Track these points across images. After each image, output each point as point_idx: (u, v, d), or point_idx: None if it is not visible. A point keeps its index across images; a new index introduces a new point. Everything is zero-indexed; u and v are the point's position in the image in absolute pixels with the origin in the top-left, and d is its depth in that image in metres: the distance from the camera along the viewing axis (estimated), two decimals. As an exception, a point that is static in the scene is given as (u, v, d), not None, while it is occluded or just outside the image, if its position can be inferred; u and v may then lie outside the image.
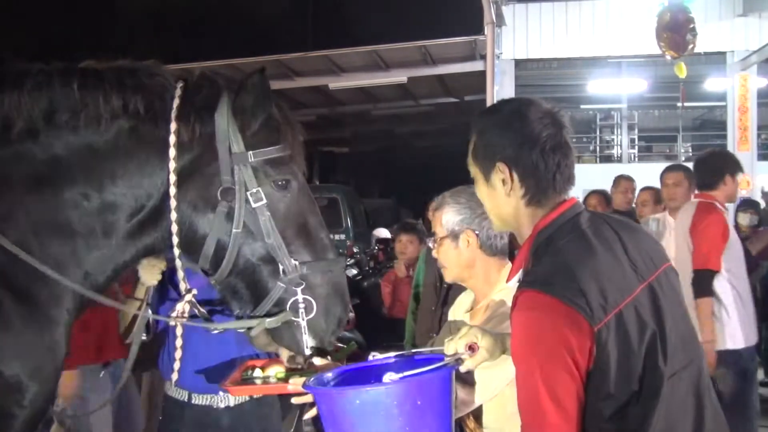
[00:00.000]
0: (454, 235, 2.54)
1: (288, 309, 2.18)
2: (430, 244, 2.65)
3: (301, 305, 2.17)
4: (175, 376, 2.98)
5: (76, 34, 19.47)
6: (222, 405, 3.17)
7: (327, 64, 11.40)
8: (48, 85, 2.00)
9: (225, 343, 3.02)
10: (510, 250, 4.26)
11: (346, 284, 2.34)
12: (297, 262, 2.17)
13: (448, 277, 2.64)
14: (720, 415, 1.78)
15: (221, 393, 3.13)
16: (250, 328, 2.26)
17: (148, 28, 22.43)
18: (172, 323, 2.54)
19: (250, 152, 2.13)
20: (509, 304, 2.38)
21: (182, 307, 2.34)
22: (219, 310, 2.72)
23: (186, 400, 3.17)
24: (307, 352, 2.24)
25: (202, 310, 2.52)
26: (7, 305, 1.91)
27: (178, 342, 2.60)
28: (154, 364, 4.71)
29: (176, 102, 2.08)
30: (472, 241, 2.53)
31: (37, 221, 1.98)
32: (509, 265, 2.62)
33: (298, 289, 2.16)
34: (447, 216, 2.56)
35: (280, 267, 2.16)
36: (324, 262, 2.24)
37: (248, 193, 2.12)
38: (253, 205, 2.13)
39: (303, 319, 2.18)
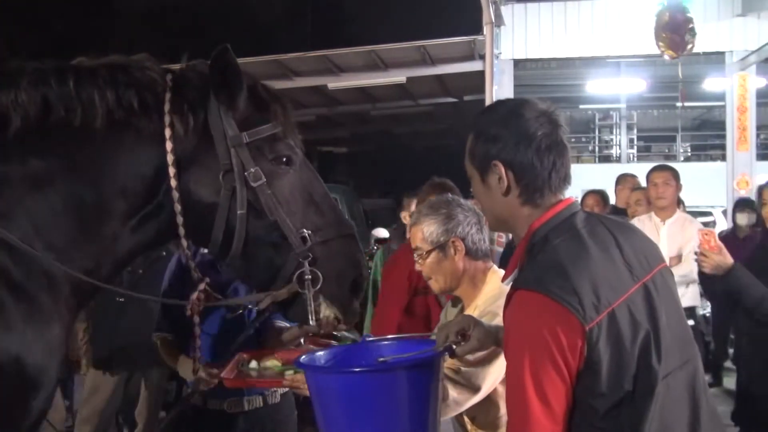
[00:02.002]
0: (441, 246, 2.55)
1: (295, 281, 2.22)
2: (415, 258, 2.65)
3: (307, 277, 2.21)
4: (199, 363, 2.96)
5: (76, 34, 19.47)
6: (236, 409, 3.15)
7: (326, 64, 11.39)
8: (44, 82, 2.01)
9: (232, 340, 3.03)
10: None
11: (358, 247, 2.38)
12: (308, 233, 2.22)
13: (437, 289, 2.64)
14: (716, 415, 1.79)
15: (235, 398, 3.13)
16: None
17: (148, 28, 22.42)
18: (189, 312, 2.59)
19: (244, 133, 2.17)
20: (497, 303, 2.41)
21: (196, 296, 2.38)
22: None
23: (201, 404, 3.16)
24: (313, 323, 2.27)
25: (217, 296, 2.56)
26: (9, 305, 1.91)
27: (197, 330, 2.62)
28: (153, 366, 4.72)
29: (168, 95, 2.11)
30: (460, 248, 2.54)
31: (37, 219, 1.98)
32: (494, 267, 2.63)
33: (305, 262, 2.20)
34: (430, 229, 2.57)
35: (289, 242, 2.20)
36: (333, 228, 2.29)
37: (246, 174, 2.15)
38: (254, 185, 2.16)
39: (309, 291, 2.21)
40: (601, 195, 6.59)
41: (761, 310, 3.61)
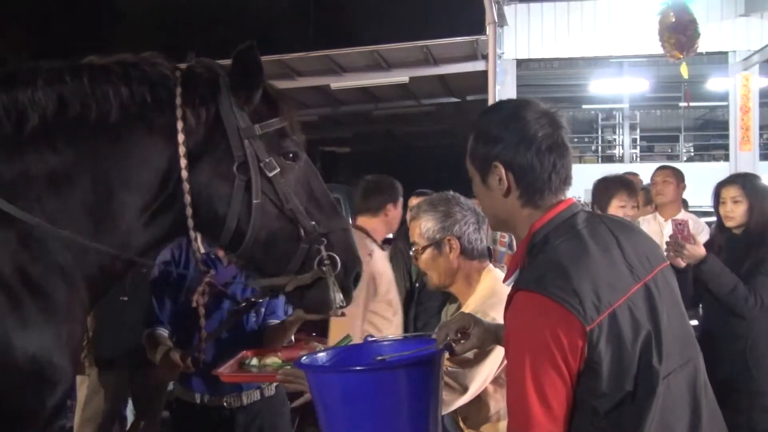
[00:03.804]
0: (437, 243, 2.57)
1: (316, 267, 2.25)
2: (411, 252, 2.69)
3: (327, 261, 2.24)
4: (203, 356, 2.98)
5: (77, 34, 19.50)
6: (235, 405, 3.17)
7: (328, 64, 11.40)
8: (60, 80, 2.03)
9: (240, 344, 3.03)
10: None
11: (354, 240, 2.42)
12: (314, 223, 2.26)
13: (432, 284, 2.67)
14: (717, 415, 1.79)
15: (234, 393, 3.14)
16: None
17: (148, 28, 22.44)
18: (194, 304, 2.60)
19: (257, 125, 2.21)
20: (488, 302, 2.42)
21: (203, 288, 2.41)
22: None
23: (199, 402, 3.17)
24: (339, 303, 2.31)
25: (223, 289, 2.56)
26: (26, 302, 1.93)
27: (202, 322, 2.62)
28: (153, 364, 4.71)
29: (179, 89, 2.14)
30: (455, 246, 2.55)
31: (53, 214, 2.00)
32: (489, 266, 2.64)
33: (321, 247, 2.25)
34: (427, 225, 2.59)
35: (301, 230, 2.23)
36: (332, 222, 2.33)
37: (261, 164, 2.19)
38: (269, 175, 2.20)
39: (330, 275, 2.25)
40: None
41: (731, 299, 3.80)
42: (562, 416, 1.61)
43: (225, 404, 3.16)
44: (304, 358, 2.17)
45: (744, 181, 4.14)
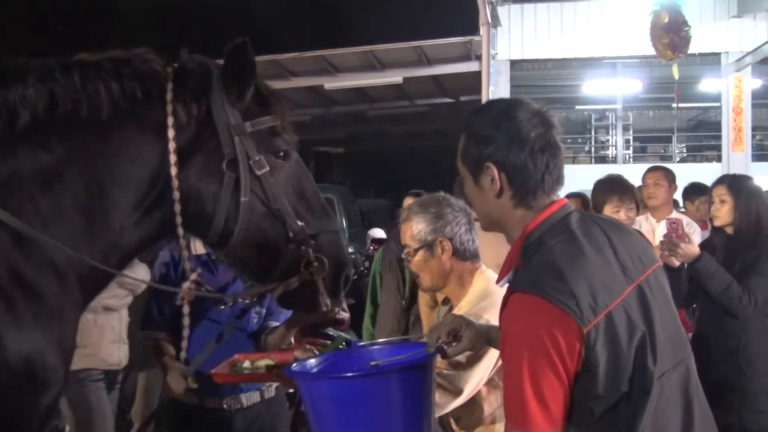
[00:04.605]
0: (428, 245, 2.56)
1: (302, 269, 2.25)
2: (403, 255, 2.68)
3: (315, 264, 2.25)
4: (183, 355, 2.95)
5: (75, 34, 19.45)
6: (235, 407, 3.16)
7: (322, 64, 11.40)
8: (50, 77, 2.02)
9: (233, 344, 3.02)
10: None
11: (344, 243, 2.43)
12: (302, 224, 2.25)
13: (425, 286, 2.65)
14: (708, 415, 1.79)
15: (233, 395, 3.14)
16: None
17: (146, 28, 22.40)
18: (179, 302, 2.58)
19: (248, 123, 2.19)
20: (481, 304, 2.42)
21: (188, 285, 2.39)
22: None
23: (197, 404, 3.16)
24: (325, 308, 2.32)
25: (209, 288, 2.55)
26: (19, 304, 1.92)
27: (186, 321, 2.61)
28: (149, 364, 4.73)
29: (170, 85, 2.13)
30: (447, 248, 2.55)
31: (46, 213, 1.99)
32: (482, 267, 2.64)
33: (309, 249, 2.24)
34: (418, 227, 2.58)
35: (288, 231, 2.22)
36: (322, 224, 2.33)
37: (251, 162, 2.17)
38: (258, 173, 2.18)
39: (318, 277, 2.25)
40: (581, 198, 6.57)
41: (725, 298, 3.82)
42: (560, 417, 1.61)
43: (224, 406, 3.14)
44: (294, 365, 2.15)
45: (731, 180, 4.18)
